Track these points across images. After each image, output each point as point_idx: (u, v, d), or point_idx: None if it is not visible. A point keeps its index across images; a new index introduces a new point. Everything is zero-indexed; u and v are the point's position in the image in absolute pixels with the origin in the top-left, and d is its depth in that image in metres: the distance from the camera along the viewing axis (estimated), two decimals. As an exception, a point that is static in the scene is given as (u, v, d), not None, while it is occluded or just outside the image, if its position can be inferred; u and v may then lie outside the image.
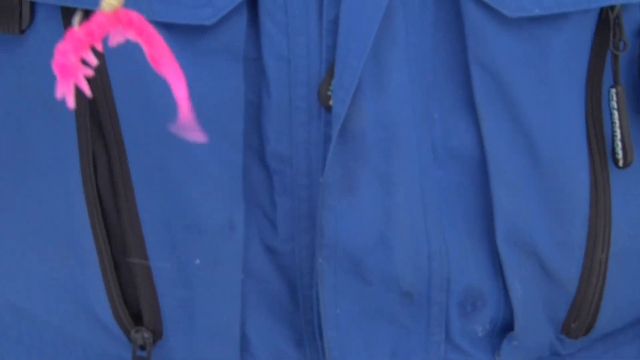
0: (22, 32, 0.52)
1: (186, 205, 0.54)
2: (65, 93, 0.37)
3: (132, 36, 0.37)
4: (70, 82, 0.37)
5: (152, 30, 0.36)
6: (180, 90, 0.38)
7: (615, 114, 0.54)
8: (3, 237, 0.60)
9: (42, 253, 0.58)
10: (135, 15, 0.36)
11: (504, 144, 0.54)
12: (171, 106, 0.50)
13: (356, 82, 0.50)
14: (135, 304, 0.57)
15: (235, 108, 0.52)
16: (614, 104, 0.55)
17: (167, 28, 0.49)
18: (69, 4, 0.50)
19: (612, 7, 0.53)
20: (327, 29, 0.51)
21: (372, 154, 0.53)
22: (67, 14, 0.51)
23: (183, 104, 0.37)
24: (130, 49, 0.48)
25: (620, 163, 0.56)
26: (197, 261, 0.55)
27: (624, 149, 0.55)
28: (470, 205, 0.56)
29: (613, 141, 0.56)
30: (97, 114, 0.52)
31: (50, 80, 0.50)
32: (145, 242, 0.54)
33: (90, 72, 0.36)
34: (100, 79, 0.51)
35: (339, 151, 0.51)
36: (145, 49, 0.37)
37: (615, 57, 0.55)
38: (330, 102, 0.51)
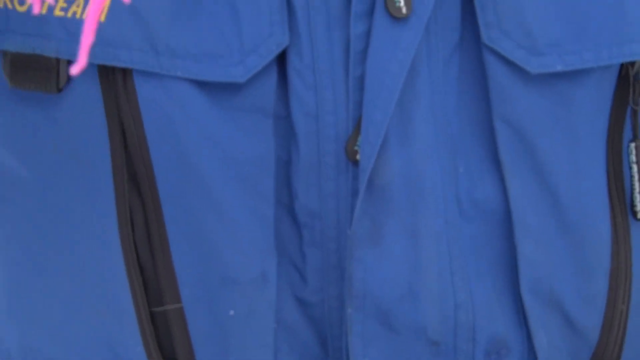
0: (59, 90, 0.53)
1: (220, 259, 0.55)
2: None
3: None
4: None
5: None
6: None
7: (635, 167, 0.56)
8: (40, 290, 0.60)
9: (79, 306, 0.59)
10: None
11: (528, 199, 0.55)
12: (205, 164, 0.52)
13: (382, 137, 0.51)
14: (171, 354, 0.57)
15: (266, 164, 0.53)
16: (634, 157, 0.56)
17: (201, 86, 0.51)
18: (106, 63, 0.51)
19: (632, 63, 0.55)
20: (353, 86, 0.52)
21: (399, 207, 0.53)
22: (103, 72, 0.53)
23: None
24: (167, 109, 0.51)
25: (637, 212, 0.58)
26: (232, 312, 0.55)
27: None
28: (495, 257, 0.57)
29: (632, 194, 0.57)
30: (134, 171, 0.53)
31: (87, 137, 0.52)
32: (180, 295, 0.55)
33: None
34: (137, 137, 0.52)
35: (366, 204, 0.52)
36: None
37: (635, 113, 0.56)
38: (358, 157, 0.52)
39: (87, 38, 0.36)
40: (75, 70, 0.34)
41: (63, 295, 0.59)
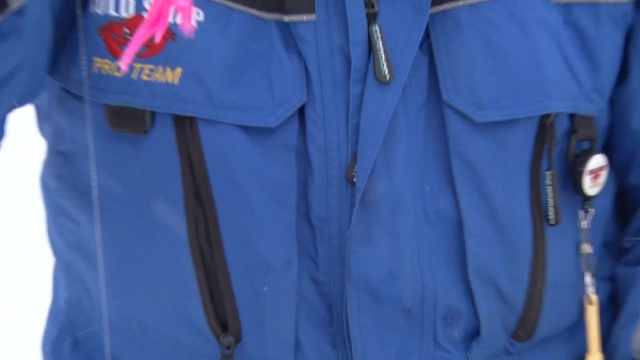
0: (145, 132, 0.67)
1: (258, 251, 0.69)
2: (157, 32, 0.50)
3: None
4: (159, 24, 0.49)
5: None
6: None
7: (549, 189, 0.71)
8: (133, 273, 0.74)
9: (160, 284, 0.73)
10: None
11: (474, 211, 0.70)
12: (248, 185, 0.67)
13: (371, 167, 0.65)
14: (223, 318, 0.72)
15: (290, 185, 0.68)
16: (548, 181, 0.71)
17: (245, 129, 0.66)
18: (178, 113, 0.66)
19: (548, 115, 0.70)
20: (351, 130, 0.66)
21: (383, 216, 0.69)
22: (176, 119, 0.67)
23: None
24: (221, 146, 0.66)
25: (552, 222, 0.72)
26: (265, 288, 0.70)
27: (554, 213, 0.72)
28: (451, 250, 0.72)
29: (547, 208, 0.72)
30: (198, 190, 0.68)
31: (164, 166, 0.68)
32: (231, 277, 0.70)
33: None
34: (200, 166, 0.67)
35: (360, 214, 0.67)
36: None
37: (549, 150, 0.71)
38: (354, 180, 0.67)
39: (132, 50, 0.49)
40: (123, 66, 0.50)
41: (149, 276, 0.73)
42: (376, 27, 0.65)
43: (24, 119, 0.77)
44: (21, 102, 0.68)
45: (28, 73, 0.64)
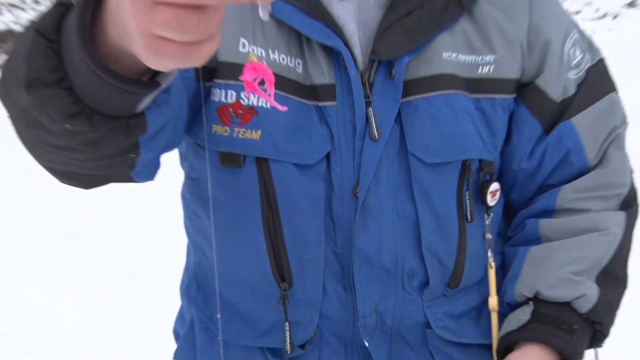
0: (240, 167, 0.93)
1: (302, 234, 0.94)
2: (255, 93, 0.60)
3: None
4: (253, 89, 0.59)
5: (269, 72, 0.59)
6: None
7: (467, 201, 0.99)
8: (232, 247, 0.97)
9: (247, 253, 0.97)
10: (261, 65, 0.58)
11: (425, 213, 0.96)
12: (298, 197, 0.93)
13: (367, 187, 0.93)
14: (282, 272, 0.97)
15: (320, 197, 0.94)
16: (467, 197, 0.98)
17: (296, 165, 0.92)
18: (259, 155, 0.92)
19: (467, 160, 0.96)
20: (356, 166, 0.92)
21: (374, 215, 0.95)
22: (256, 159, 0.92)
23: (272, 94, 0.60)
24: (283, 175, 0.93)
25: (469, 220, 0.99)
26: (307, 256, 0.95)
27: (471, 215, 0.98)
28: (412, 236, 0.97)
29: (465, 212, 0.99)
30: (269, 200, 0.94)
31: (251, 186, 0.95)
32: (287, 249, 0.95)
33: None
34: (270, 187, 0.93)
35: (360, 214, 0.94)
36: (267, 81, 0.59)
37: (468, 179, 0.98)
38: (357, 195, 0.93)
39: (270, 90, 0.59)
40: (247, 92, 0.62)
41: (240, 248, 0.98)
42: (371, 109, 0.92)
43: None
44: (167, 149, 0.91)
45: (171, 130, 0.84)
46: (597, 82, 1.02)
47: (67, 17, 0.65)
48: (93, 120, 0.67)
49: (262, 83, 0.59)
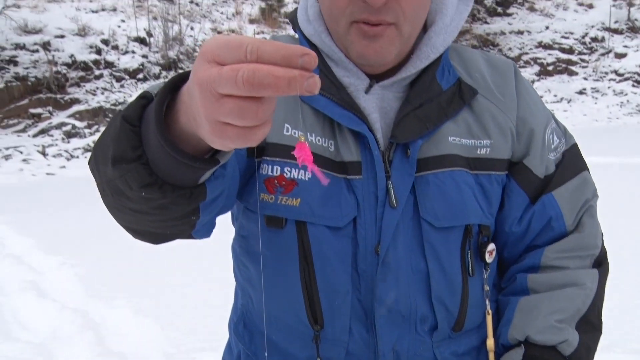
0: (282, 227, 0.91)
1: (333, 285, 0.91)
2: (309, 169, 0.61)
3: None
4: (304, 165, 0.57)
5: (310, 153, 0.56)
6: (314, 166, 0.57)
7: (469, 259, 0.95)
8: (275, 293, 0.94)
9: (286, 299, 0.94)
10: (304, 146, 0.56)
11: (434, 268, 0.92)
12: (328, 251, 0.90)
13: (387, 246, 0.90)
14: (315, 315, 0.93)
15: (348, 253, 0.91)
16: (469, 256, 0.95)
17: (329, 227, 0.89)
18: (297, 219, 0.90)
19: (468, 224, 0.94)
20: (377, 228, 0.89)
21: (392, 270, 0.91)
22: (296, 222, 0.90)
23: (317, 172, 0.58)
24: (317, 235, 0.89)
25: (471, 274, 0.95)
26: (336, 303, 0.91)
27: (472, 270, 0.95)
28: (424, 287, 0.93)
29: (468, 267, 0.95)
30: (306, 255, 0.91)
31: (291, 243, 0.91)
32: (320, 296, 0.91)
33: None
34: (307, 244, 0.90)
35: (381, 269, 0.91)
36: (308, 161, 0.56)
37: (469, 240, 0.95)
38: (379, 252, 0.90)
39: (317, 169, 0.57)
40: (318, 173, 0.58)
41: (281, 293, 0.95)
42: (390, 182, 0.90)
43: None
44: (222, 212, 0.88)
45: (225, 197, 0.82)
46: (572, 162, 1.02)
47: (147, 107, 0.66)
48: (163, 189, 0.67)
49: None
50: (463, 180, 0.94)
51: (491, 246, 0.98)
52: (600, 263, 1.02)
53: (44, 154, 10.88)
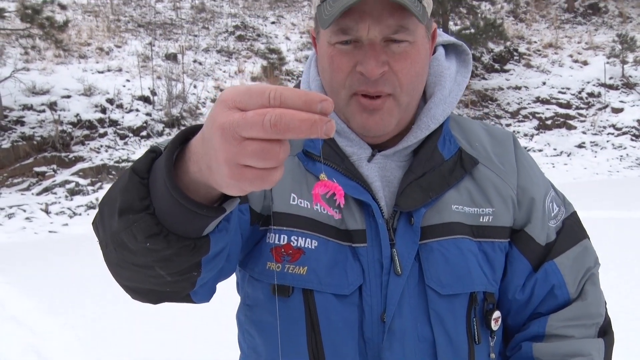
0: (288, 296, 0.91)
1: (340, 350, 0.90)
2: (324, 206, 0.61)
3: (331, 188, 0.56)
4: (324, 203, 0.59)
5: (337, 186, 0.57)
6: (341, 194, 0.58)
7: (475, 327, 0.94)
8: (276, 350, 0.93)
9: (294, 352, 0.93)
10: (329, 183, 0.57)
11: (440, 335, 0.92)
12: (334, 317, 0.89)
13: (392, 314, 0.90)
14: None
15: (355, 321, 0.91)
16: (474, 323, 0.95)
17: (335, 295, 0.90)
18: (303, 287, 0.90)
19: (473, 292, 0.94)
20: (383, 296, 0.90)
21: (398, 337, 0.91)
22: (304, 290, 0.90)
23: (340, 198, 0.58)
24: (324, 303, 0.89)
25: (477, 342, 0.94)
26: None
27: (478, 338, 0.94)
28: (430, 354, 0.92)
29: (475, 335, 0.94)
30: (312, 321, 0.91)
31: (298, 310, 0.91)
32: (325, 356, 0.90)
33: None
34: (312, 310, 0.90)
35: (387, 337, 0.90)
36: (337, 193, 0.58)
37: (475, 308, 0.94)
38: (384, 320, 0.90)
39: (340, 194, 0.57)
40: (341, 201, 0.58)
41: (290, 351, 0.93)
42: (395, 250, 0.91)
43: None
44: (222, 276, 0.88)
45: (225, 257, 0.82)
46: (573, 230, 1.03)
47: (156, 160, 0.68)
48: (168, 239, 0.67)
49: (332, 196, 0.59)
50: (467, 248, 0.95)
51: (497, 313, 0.97)
52: (606, 332, 1.00)
53: (46, 212, 10.90)
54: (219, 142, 0.53)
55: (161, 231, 0.67)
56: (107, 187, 11.70)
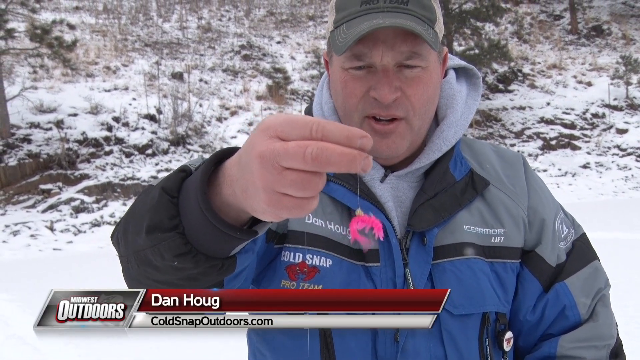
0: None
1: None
2: (364, 242, 0.56)
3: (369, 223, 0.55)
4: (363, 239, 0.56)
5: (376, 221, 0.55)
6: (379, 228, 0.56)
7: (487, 347, 0.95)
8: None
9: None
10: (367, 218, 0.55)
11: (452, 355, 0.92)
12: (350, 340, 0.90)
13: (405, 335, 0.90)
14: None
15: (368, 343, 0.91)
16: (487, 343, 0.95)
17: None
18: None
19: (486, 312, 0.94)
20: None
21: (411, 357, 0.91)
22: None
23: (379, 232, 0.55)
24: None
25: None
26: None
27: (490, 358, 0.94)
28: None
29: (487, 355, 0.95)
30: (327, 343, 0.91)
31: (314, 335, 0.91)
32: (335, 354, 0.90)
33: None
34: (327, 331, 0.90)
35: (400, 358, 0.90)
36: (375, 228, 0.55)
37: (487, 328, 0.94)
38: (398, 340, 0.90)
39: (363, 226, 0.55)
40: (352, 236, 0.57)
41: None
42: (408, 270, 0.91)
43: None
44: None
45: (246, 275, 0.82)
46: (583, 252, 1.03)
47: (186, 180, 0.68)
48: (197, 259, 0.67)
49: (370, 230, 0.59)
50: (479, 268, 0.95)
51: (509, 334, 0.98)
52: (617, 354, 1.00)
53: (51, 229, 10.93)
54: (258, 169, 0.53)
55: (190, 251, 0.67)
56: (112, 204, 11.75)
